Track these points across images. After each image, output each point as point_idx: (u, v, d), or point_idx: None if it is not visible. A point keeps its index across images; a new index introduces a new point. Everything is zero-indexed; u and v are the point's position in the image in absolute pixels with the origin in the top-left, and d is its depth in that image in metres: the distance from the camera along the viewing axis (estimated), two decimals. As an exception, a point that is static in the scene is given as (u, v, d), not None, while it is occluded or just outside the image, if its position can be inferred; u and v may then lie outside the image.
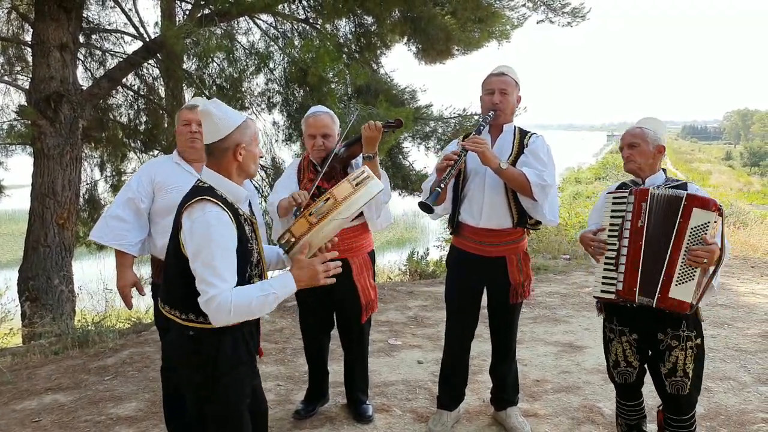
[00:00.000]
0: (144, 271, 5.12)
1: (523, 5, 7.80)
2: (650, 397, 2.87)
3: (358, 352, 3.38)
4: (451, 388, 3.28)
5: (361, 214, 3.15)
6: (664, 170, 2.69)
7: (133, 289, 3.02)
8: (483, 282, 3.12)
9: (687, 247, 2.40)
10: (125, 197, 2.87)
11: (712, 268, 2.43)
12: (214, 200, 1.89)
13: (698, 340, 2.56)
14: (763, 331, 5.02)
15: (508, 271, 3.05)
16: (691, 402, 2.59)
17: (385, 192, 3.12)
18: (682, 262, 2.41)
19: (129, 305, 3.01)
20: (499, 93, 2.97)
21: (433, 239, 11.42)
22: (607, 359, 2.78)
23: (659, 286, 2.45)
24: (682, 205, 2.42)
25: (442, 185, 2.72)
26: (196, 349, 1.97)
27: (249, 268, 1.98)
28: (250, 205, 2.17)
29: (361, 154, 3.07)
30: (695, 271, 2.40)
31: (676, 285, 2.42)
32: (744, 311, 5.60)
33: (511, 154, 2.99)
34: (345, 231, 3.10)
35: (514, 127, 3.09)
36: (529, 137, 3.05)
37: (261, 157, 2.15)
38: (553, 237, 8.74)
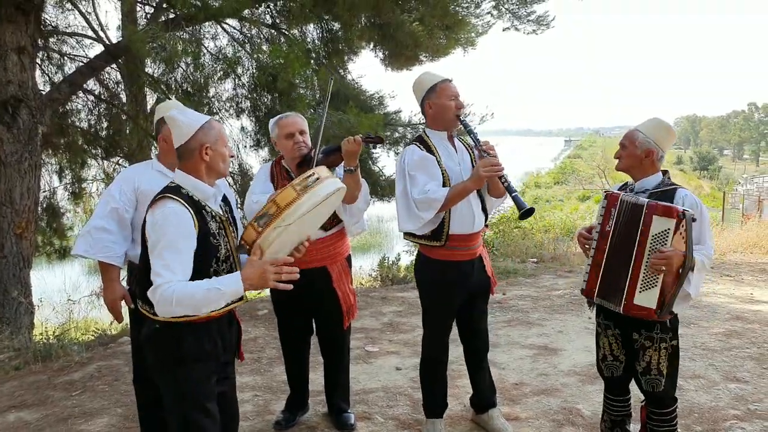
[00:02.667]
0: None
1: (488, 13, 7.90)
2: (636, 397, 2.92)
3: (340, 359, 3.34)
4: (437, 394, 3.26)
5: (340, 221, 3.13)
6: (665, 172, 2.68)
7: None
8: (468, 287, 3.10)
9: (649, 255, 2.45)
10: (108, 207, 2.76)
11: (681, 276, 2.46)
12: (175, 197, 1.98)
13: (673, 342, 2.63)
14: (726, 329, 5.18)
15: (485, 264, 3.18)
16: (670, 396, 2.69)
17: (364, 199, 3.12)
18: (645, 270, 2.46)
19: (119, 318, 2.92)
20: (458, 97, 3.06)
21: (400, 244, 11.44)
22: (597, 353, 2.85)
23: (625, 293, 2.51)
24: (643, 213, 2.47)
25: (515, 189, 2.87)
26: (161, 341, 2.06)
27: (215, 263, 2.05)
28: (227, 203, 2.27)
29: (340, 165, 3.03)
30: (657, 278, 2.44)
31: (640, 292, 2.48)
32: (707, 311, 5.77)
33: (471, 160, 3.11)
34: (323, 239, 3.09)
35: (455, 136, 3.21)
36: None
37: (232, 156, 2.21)
38: (520, 241, 8.86)
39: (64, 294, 6.83)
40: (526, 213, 2.79)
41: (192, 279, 1.96)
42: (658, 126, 2.67)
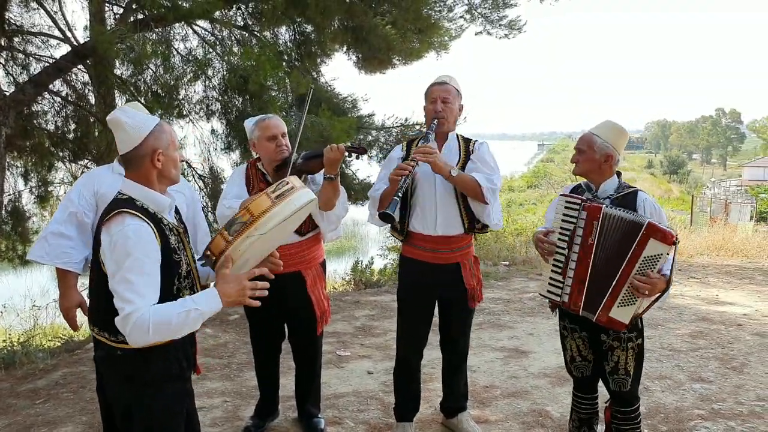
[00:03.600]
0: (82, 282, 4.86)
1: (461, 17, 7.95)
2: (601, 397, 2.95)
3: (312, 364, 3.31)
4: (409, 398, 3.26)
5: (316, 226, 3.11)
6: (619, 174, 2.71)
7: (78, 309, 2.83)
8: (437, 290, 3.12)
9: (636, 274, 2.46)
10: (66, 212, 2.69)
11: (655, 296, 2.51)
12: (134, 212, 1.80)
13: (638, 341, 2.68)
14: (692, 330, 5.29)
15: (463, 276, 3.09)
16: (635, 395, 2.73)
17: (342, 206, 3.09)
18: (628, 287, 2.48)
19: (75, 327, 2.84)
20: (440, 101, 3.01)
21: (375, 248, 11.44)
22: (564, 355, 2.87)
23: (603, 304, 2.53)
24: (640, 233, 2.44)
25: (399, 194, 2.71)
26: (125, 369, 1.89)
27: (177, 281, 1.89)
28: (177, 211, 2.08)
29: (320, 172, 3.00)
30: (636, 297, 2.48)
31: (618, 306, 2.51)
32: (674, 312, 5.88)
33: (459, 161, 3.03)
34: (298, 243, 3.06)
35: (456, 135, 3.14)
36: (474, 143, 3.11)
37: (182, 160, 2.06)
38: (492, 244, 8.93)
39: (29, 300, 6.64)
40: (382, 215, 2.73)
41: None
42: (613, 129, 2.68)
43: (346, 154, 2.89)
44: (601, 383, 2.83)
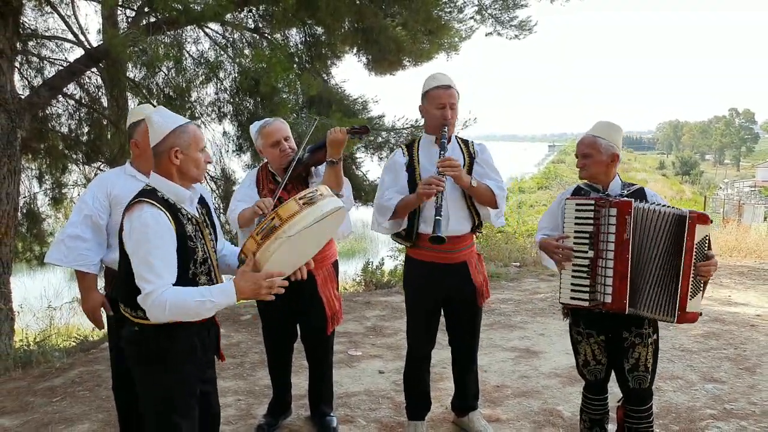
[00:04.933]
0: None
1: (472, 18, 7.95)
2: (612, 397, 2.95)
3: (323, 363, 3.34)
4: (420, 397, 3.28)
5: None
6: (617, 174, 2.75)
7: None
8: (445, 290, 3.13)
9: (695, 263, 2.46)
10: (81, 215, 2.73)
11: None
12: (151, 201, 1.97)
13: (655, 336, 2.68)
14: (705, 331, 5.26)
15: (471, 273, 3.11)
16: (650, 393, 2.73)
17: (347, 201, 3.11)
18: (693, 277, 2.47)
19: (100, 326, 2.89)
20: (449, 108, 2.96)
21: (385, 249, 11.45)
22: (576, 359, 2.86)
23: (677, 303, 2.48)
24: (687, 223, 2.44)
25: (441, 214, 2.78)
26: (141, 344, 2.05)
27: (193, 266, 2.05)
28: (204, 205, 2.25)
29: (324, 164, 3.04)
30: (701, 283, 2.50)
31: (691, 299, 2.48)
32: (686, 313, 5.84)
33: (464, 164, 3.03)
34: None
35: (455, 137, 3.15)
36: (473, 146, 3.13)
37: (209, 162, 2.17)
38: (503, 245, 8.92)
39: (45, 300, 6.73)
40: (434, 239, 2.75)
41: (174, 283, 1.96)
42: (611, 127, 2.70)
43: (350, 136, 2.94)
44: (612, 383, 2.82)
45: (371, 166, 7.62)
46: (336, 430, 3.36)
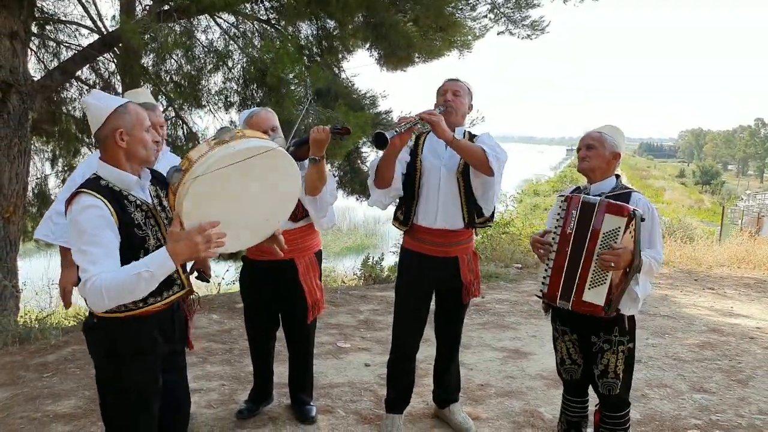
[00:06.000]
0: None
1: (485, 16, 7.93)
2: (591, 402, 2.95)
3: (303, 352, 3.37)
4: (400, 390, 3.30)
5: (307, 214, 3.16)
6: (618, 176, 2.75)
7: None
8: (435, 283, 3.17)
9: (599, 252, 2.48)
10: (70, 193, 2.79)
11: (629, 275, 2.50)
12: (90, 191, 1.90)
13: (629, 344, 2.67)
14: (701, 341, 5.21)
15: (461, 271, 3.12)
16: (624, 400, 2.72)
17: (330, 192, 3.14)
18: (595, 267, 2.50)
19: (67, 304, 2.94)
20: (451, 93, 3.07)
21: (392, 245, 11.47)
22: (556, 357, 2.89)
23: (574, 289, 2.54)
24: (595, 211, 2.51)
25: (398, 130, 2.70)
26: (97, 336, 2.01)
27: (143, 254, 1.94)
28: (158, 189, 2.12)
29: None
30: (607, 276, 2.48)
31: (589, 288, 2.51)
32: (684, 322, 5.80)
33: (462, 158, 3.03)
34: (291, 231, 3.11)
35: (464, 130, 3.15)
36: (478, 136, 3.13)
37: (156, 141, 2.10)
38: (506, 246, 8.88)
39: (47, 279, 6.85)
40: (377, 135, 2.62)
41: None
42: (617, 130, 2.75)
43: (333, 136, 2.93)
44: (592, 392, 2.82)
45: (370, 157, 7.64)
46: (315, 419, 3.39)
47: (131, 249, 1.92)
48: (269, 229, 2.17)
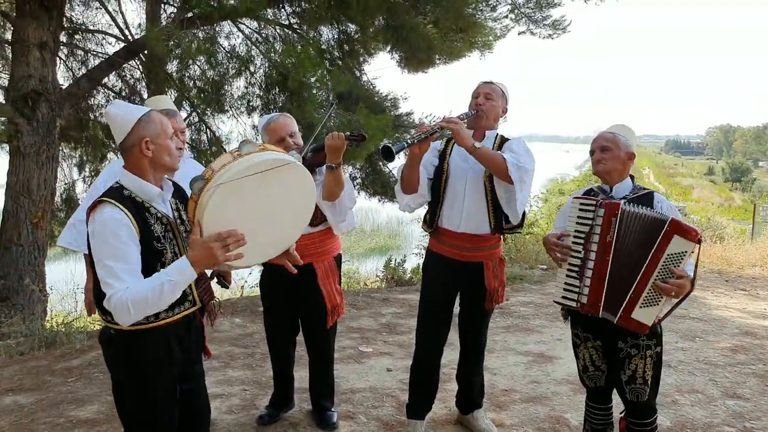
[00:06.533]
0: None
1: (506, 17, 7.87)
2: (615, 409, 2.88)
3: (323, 357, 3.35)
4: (423, 395, 3.26)
5: (326, 219, 3.14)
6: (632, 177, 2.69)
7: None
8: (459, 287, 3.14)
9: (659, 272, 2.39)
10: (92, 200, 2.82)
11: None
12: (112, 201, 1.88)
13: (657, 349, 2.59)
14: (733, 344, 5.06)
15: (485, 276, 3.08)
16: (651, 406, 2.64)
17: (349, 197, 3.12)
18: (651, 287, 2.41)
19: (91, 311, 2.97)
20: (483, 96, 3.04)
21: (414, 246, 11.43)
22: (577, 364, 2.82)
23: (624, 304, 2.45)
24: (663, 230, 2.39)
25: (409, 142, 2.71)
26: (115, 349, 2.00)
27: (160, 268, 1.93)
28: (178, 202, 2.11)
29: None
30: (661, 298, 2.41)
31: (641, 307, 2.42)
32: (715, 325, 5.65)
33: None
34: (310, 235, 3.10)
35: (497, 134, 3.11)
36: (509, 141, 3.08)
37: (180, 148, 2.09)
38: (531, 247, 8.76)
39: (73, 284, 6.97)
40: (384, 149, 2.65)
41: None
42: (628, 129, 2.69)
43: (349, 143, 2.93)
44: (616, 392, 2.75)
45: (398, 163, 7.59)
46: (336, 425, 3.37)
47: (148, 261, 1.92)
48: (286, 242, 2.15)
